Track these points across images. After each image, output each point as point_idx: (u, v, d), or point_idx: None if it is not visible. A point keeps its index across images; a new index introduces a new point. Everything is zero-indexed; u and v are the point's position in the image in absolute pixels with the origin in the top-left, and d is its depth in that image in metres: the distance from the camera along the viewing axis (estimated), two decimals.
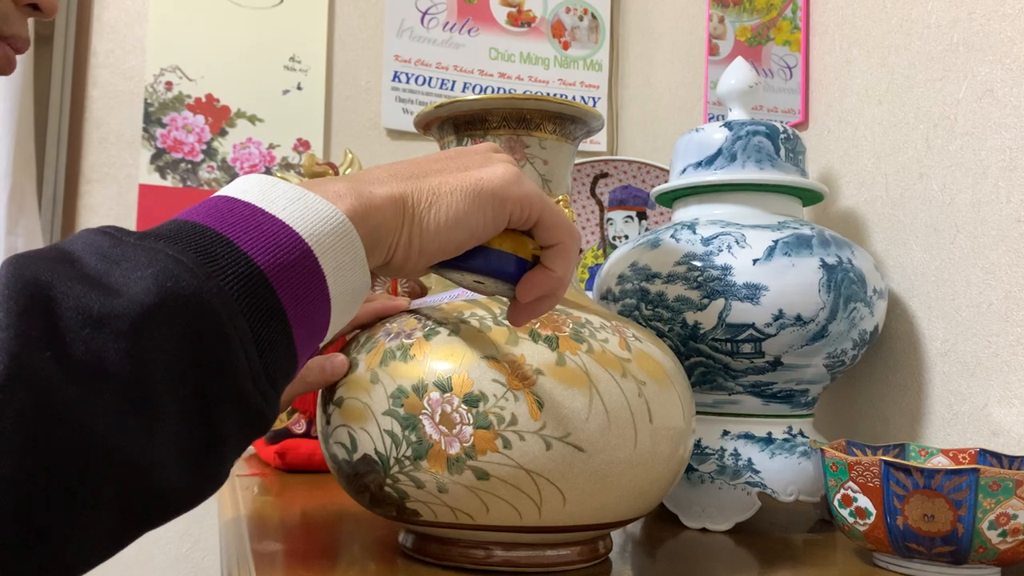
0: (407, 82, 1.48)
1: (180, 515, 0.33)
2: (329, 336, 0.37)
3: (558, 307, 0.57)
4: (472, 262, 0.41)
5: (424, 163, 0.41)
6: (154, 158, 1.36)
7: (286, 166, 1.41)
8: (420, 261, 0.39)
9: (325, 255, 0.34)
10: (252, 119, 1.41)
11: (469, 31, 1.51)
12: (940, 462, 0.66)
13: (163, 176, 1.36)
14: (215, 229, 0.32)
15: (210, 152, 1.38)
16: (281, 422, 1.06)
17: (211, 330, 0.30)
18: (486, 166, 0.41)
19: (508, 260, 0.42)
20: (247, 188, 0.35)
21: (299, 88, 1.44)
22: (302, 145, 1.43)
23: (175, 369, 0.30)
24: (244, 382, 0.32)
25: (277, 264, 0.32)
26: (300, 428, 1.06)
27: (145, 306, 0.29)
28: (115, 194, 1.35)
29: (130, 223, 1.34)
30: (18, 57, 1.23)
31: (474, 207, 0.39)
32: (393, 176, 0.39)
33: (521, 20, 1.54)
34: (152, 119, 1.36)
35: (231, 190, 0.35)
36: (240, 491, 0.87)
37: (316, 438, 0.86)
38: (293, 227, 0.33)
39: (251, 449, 1.18)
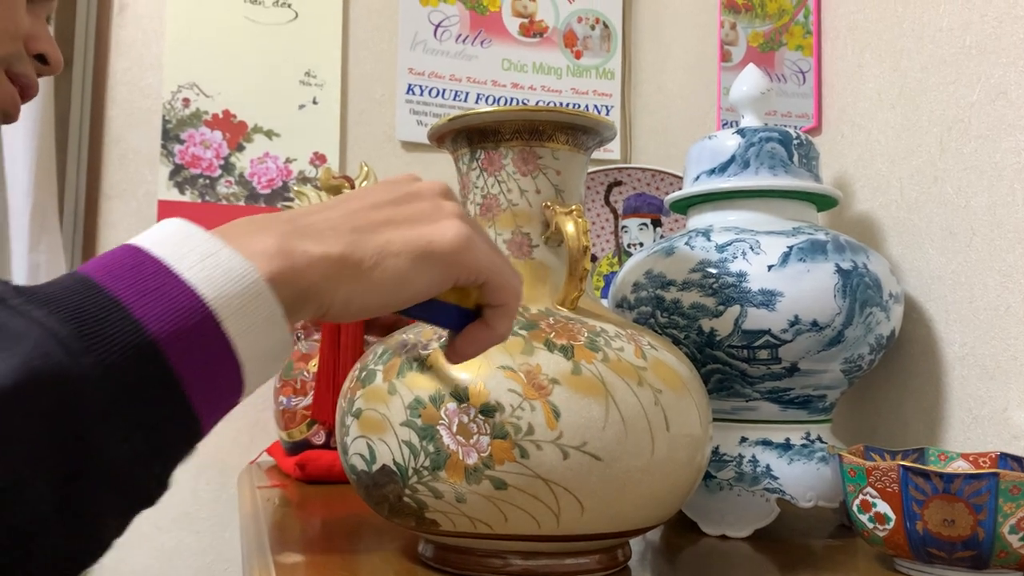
0: (421, 94, 1.49)
1: None
2: (247, 395, 0.35)
3: (573, 316, 0.58)
4: (413, 310, 0.40)
5: (368, 211, 0.39)
6: (173, 174, 1.37)
7: (303, 180, 1.42)
8: (360, 315, 0.37)
9: (231, 318, 0.32)
10: (269, 134, 1.42)
11: (482, 43, 1.52)
12: (960, 466, 0.66)
13: (182, 192, 1.37)
14: (109, 291, 0.31)
15: (228, 167, 1.40)
16: (301, 433, 1.07)
17: (79, 413, 0.29)
18: (436, 222, 0.39)
19: (450, 312, 0.42)
20: (163, 238, 0.33)
21: (315, 102, 1.45)
22: (318, 159, 1.44)
23: (36, 456, 0.28)
24: (120, 465, 0.30)
25: (172, 331, 0.31)
26: (320, 439, 1.06)
27: (4, 389, 0.27)
28: (134, 210, 1.37)
29: None
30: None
31: (421, 270, 0.38)
32: (334, 230, 0.37)
33: (533, 31, 1.55)
34: (170, 135, 1.38)
35: (146, 238, 0.33)
36: (261, 503, 0.87)
37: (336, 449, 0.87)
38: (196, 289, 0.32)
39: (272, 460, 1.19)
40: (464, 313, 0.42)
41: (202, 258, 0.33)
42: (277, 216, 0.37)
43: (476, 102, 1.50)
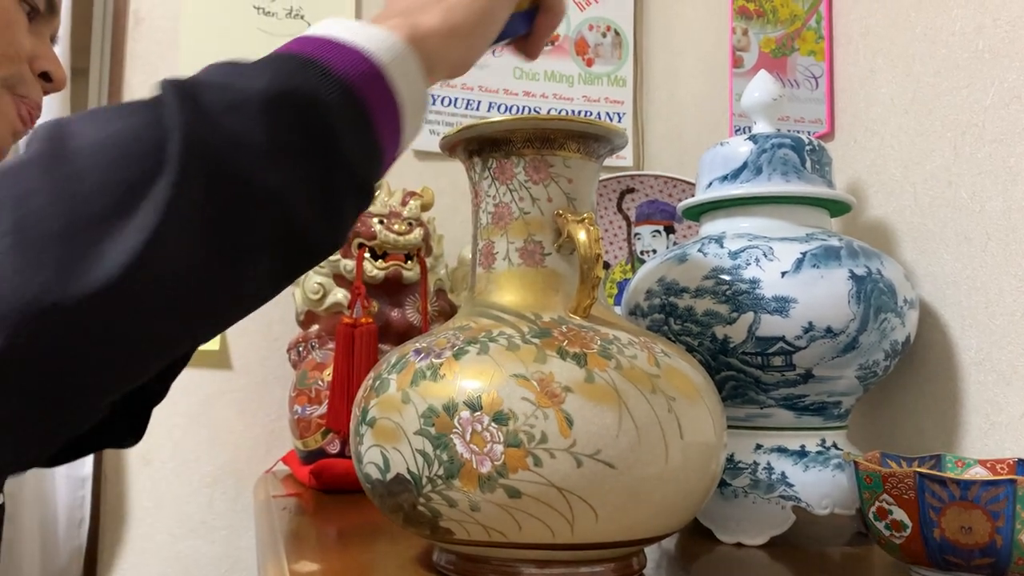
0: (433, 103, 1.50)
1: (313, 264, 0.41)
2: (404, 145, 0.44)
3: (585, 324, 0.58)
4: (503, 32, 0.50)
5: None
6: None
7: None
8: (474, 59, 0.48)
9: (391, 66, 0.41)
10: None
11: (493, 51, 1.53)
12: (977, 473, 0.65)
13: None
14: (303, 54, 0.40)
15: None
16: (316, 442, 1.07)
17: (324, 115, 0.38)
18: None
19: (519, 19, 0.51)
20: (314, 28, 0.42)
21: None
22: None
23: (298, 140, 0.37)
24: (352, 156, 0.40)
25: (359, 76, 0.40)
26: (335, 448, 1.07)
27: (270, 93, 0.37)
28: None
29: None
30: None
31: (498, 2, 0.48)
32: (423, 8, 0.46)
33: None
34: None
35: (307, 31, 0.42)
36: (276, 511, 0.88)
37: (351, 458, 0.87)
38: (362, 48, 0.41)
39: (287, 469, 1.19)
40: (527, 14, 0.52)
41: (354, 31, 0.42)
42: (381, 12, 0.47)
43: (488, 111, 1.51)
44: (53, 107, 1.24)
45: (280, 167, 0.36)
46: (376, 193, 0.41)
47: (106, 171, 0.33)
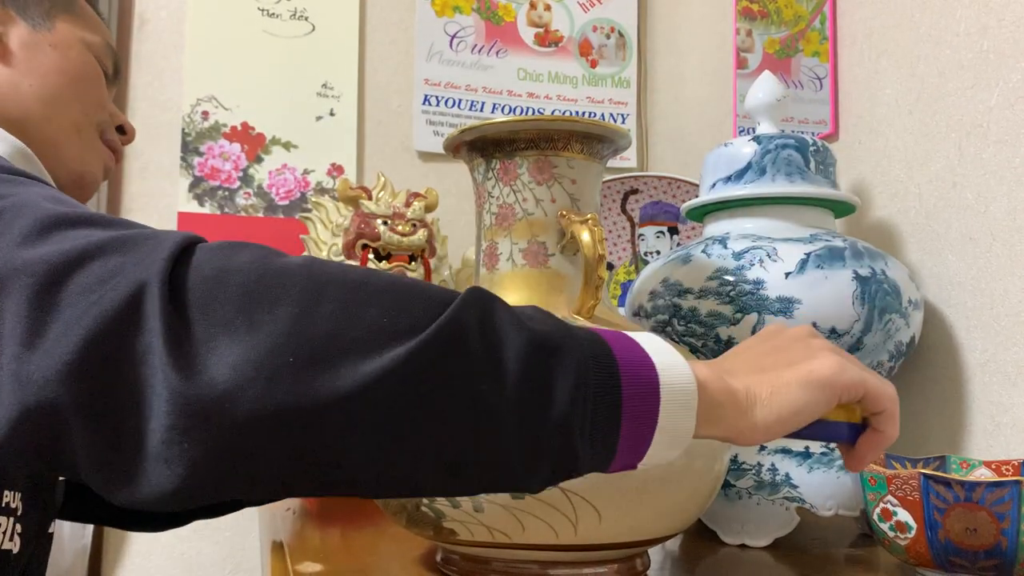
0: (437, 105, 1.50)
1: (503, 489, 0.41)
2: (648, 462, 0.41)
3: (589, 325, 0.58)
4: (810, 431, 0.46)
5: (760, 357, 0.47)
6: (192, 186, 1.38)
7: (321, 191, 1.43)
8: (766, 437, 0.44)
9: (666, 388, 0.40)
10: (287, 145, 1.43)
11: (497, 53, 1.53)
12: (983, 474, 0.65)
13: (201, 204, 1.38)
14: (602, 337, 0.40)
15: (246, 179, 1.41)
16: None
17: (573, 375, 0.38)
18: (813, 358, 0.46)
19: (841, 428, 0.48)
20: (643, 338, 0.43)
21: (332, 114, 1.46)
22: (336, 170, 1.45)
23: (538, 382, 0.37)
24: (572, 422, 0.38)
25: (631, 363, 0.40)
26: None
27: (549, 336, 0.38)
28: (155, 222, 1.38)
29: None
30: None
31: (810, 397, 0.44)
32: (741, 371, 0.45)
33: (548, 40, 1.55)
34: (190, 148, 1.39)
35: (632, 336, 0.43)
36: (280, 513, 0.88)
37: None
38: (656, 363, 0.41)
39: None
40: (853, 427, 0.48)
41: (658, 347, 0.42)
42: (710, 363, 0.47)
43: (492, 112, 1.51)
44: None
45: (506, 394, 0.37)
46: (574, 470, 0.40)
47: (387, 310, 0.36)
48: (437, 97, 1.50)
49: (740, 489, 0.73)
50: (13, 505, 0.55)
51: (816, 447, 0.73)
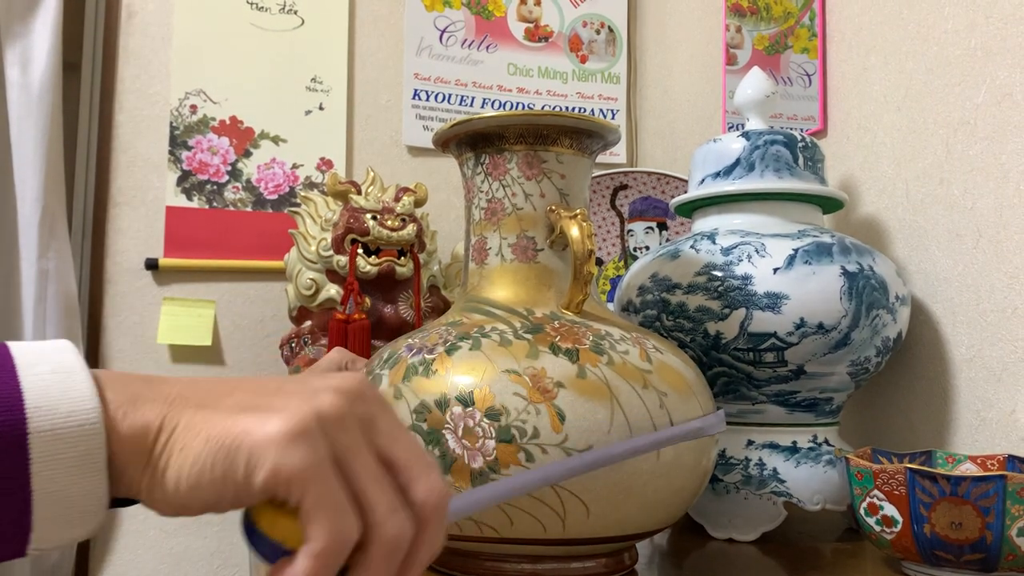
0: (427, 99, 1.50)
1: None
2: (56, 542, 0.29)
3: (578, 320, 0.58)
4: (245, 531, 0.31)
5: (238, 388, 0.31)
6: (180, 180, 1.38)
7: (310, 185, 1.43)
8: (173, 513, 0.30)
9: (41, 435, 0.27)
10: (276, 140, 1.43)
11: (487, 47, 1.52)
12: (968, 469, 0.65)
13: (189, 198, 1.38)
14: None
15: (235, 173, 1.40)
16: None
17: None
18: (271, 410, 0.29)
19: (270, 548, 0.30)
20: (32, 348, 0.30)
21: (321, 108, 1.45)
22: (325, 164, 1.44)
23: None
24: None
25: None
26: None
27: None
28: (143, 216, 1.37)
29: (157, 245, 1.36)
30: (48, 84, 1.25)
31: (213, 465, 0.29)
32: (187, 399, 0.30)
33: (538, 35, 1.55)
34: (178, 142, 1.38)
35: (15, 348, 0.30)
36: None
37: None
38: (24, 392, 0.28)
39: None
40: (280, 550, 0.30)
41: (54, 370, 0.29)
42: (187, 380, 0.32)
43: (482, 107, 1.51)
44: (45, 99, 1.24)
45: None
46: None
47: None
48: (427, 92, 1.50)
49: (728, 484, 0.73)
50: None
51: (804, 441, 0.74)
